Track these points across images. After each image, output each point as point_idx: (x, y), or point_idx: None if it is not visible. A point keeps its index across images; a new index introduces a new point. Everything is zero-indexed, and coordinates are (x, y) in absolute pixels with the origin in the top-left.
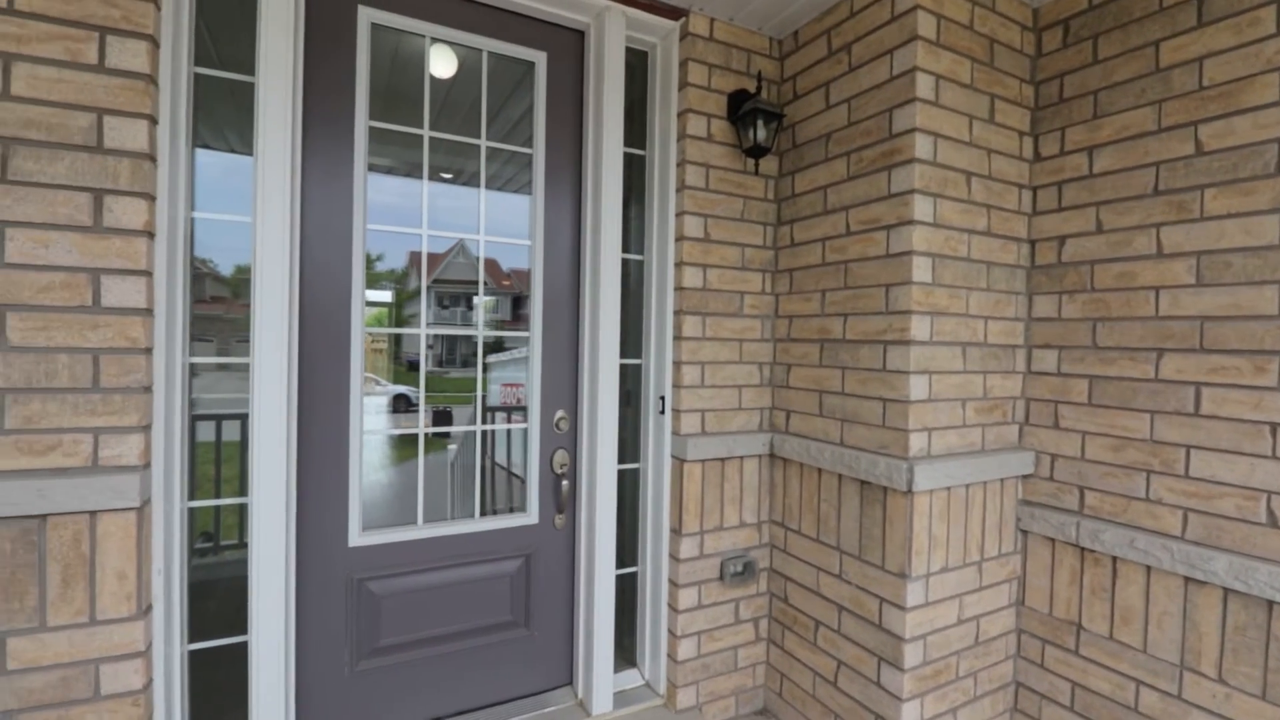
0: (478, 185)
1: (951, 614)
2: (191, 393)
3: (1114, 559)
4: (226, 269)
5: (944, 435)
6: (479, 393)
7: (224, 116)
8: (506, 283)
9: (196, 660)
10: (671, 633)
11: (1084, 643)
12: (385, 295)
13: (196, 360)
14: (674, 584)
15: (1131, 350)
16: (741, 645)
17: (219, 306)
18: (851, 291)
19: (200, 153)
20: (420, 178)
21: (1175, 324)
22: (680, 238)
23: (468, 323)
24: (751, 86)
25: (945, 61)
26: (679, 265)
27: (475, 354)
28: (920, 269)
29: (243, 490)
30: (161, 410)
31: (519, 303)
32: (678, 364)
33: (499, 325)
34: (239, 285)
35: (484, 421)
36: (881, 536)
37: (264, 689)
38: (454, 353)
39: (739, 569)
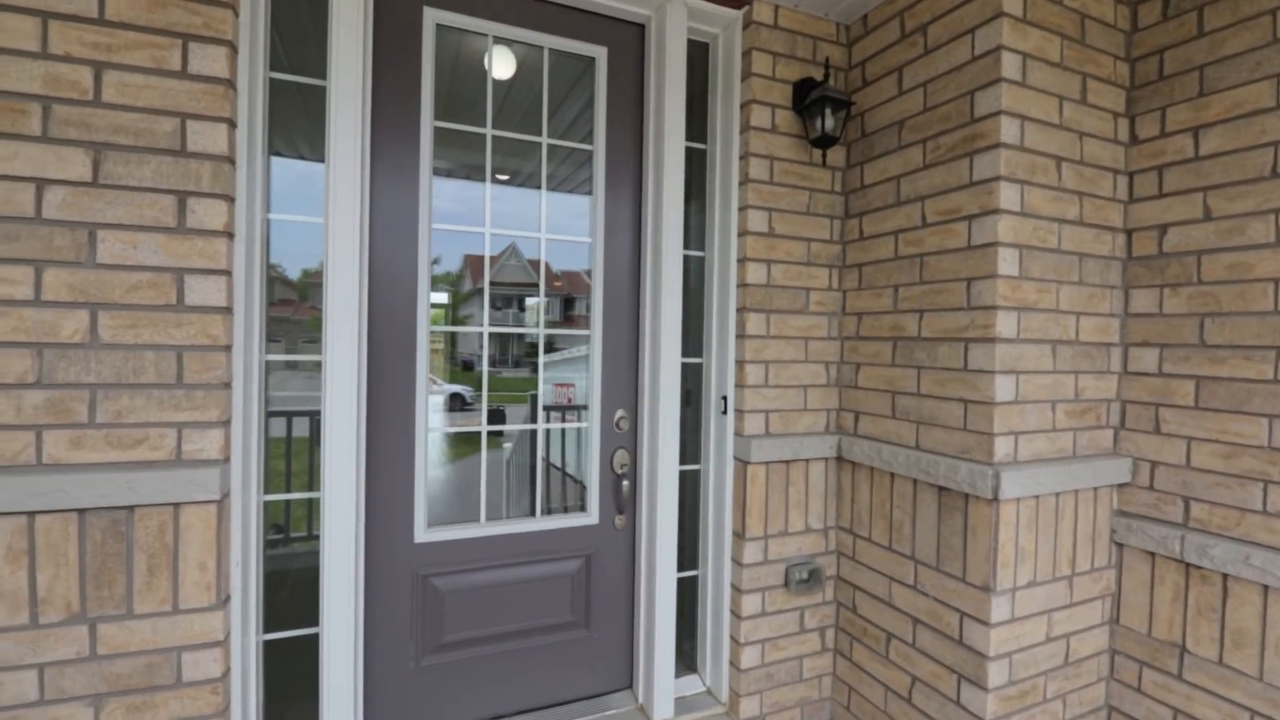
0: (535, 186)
1: (1039, 631)
2: (267, 390)
3: (1224, 576)
4: (294, 273)
5: (1032, 440)
6: (539, 390)
7: (294, 124)
8: (558, 284)
9: (269, 650)
10: (734, 640)
11: (1188, 667)
12: (441, 297)
13: (272, 358)
14: (737, 589)
15: (1246, 349)
16: (807, 655)
17: (287, 309)
18: (928, 286)
19: (273, 160)
20: (481, 180)
21: None
22: (743, 233)
23: (519, 324)
24: (818, 75)
25: (1033, 39)
26: (742, 261)
27: (527, 354)
28: (1006, 261)
29: (312, 485)
30: (240, 406)
31: (569, 304)
32: (741, 363)
33: (555, 325)
34: (306, 289)
35: (540, 420)
36: (962, 547)
37: (334, 681)
38: (505, 353)
39: (804, 576)
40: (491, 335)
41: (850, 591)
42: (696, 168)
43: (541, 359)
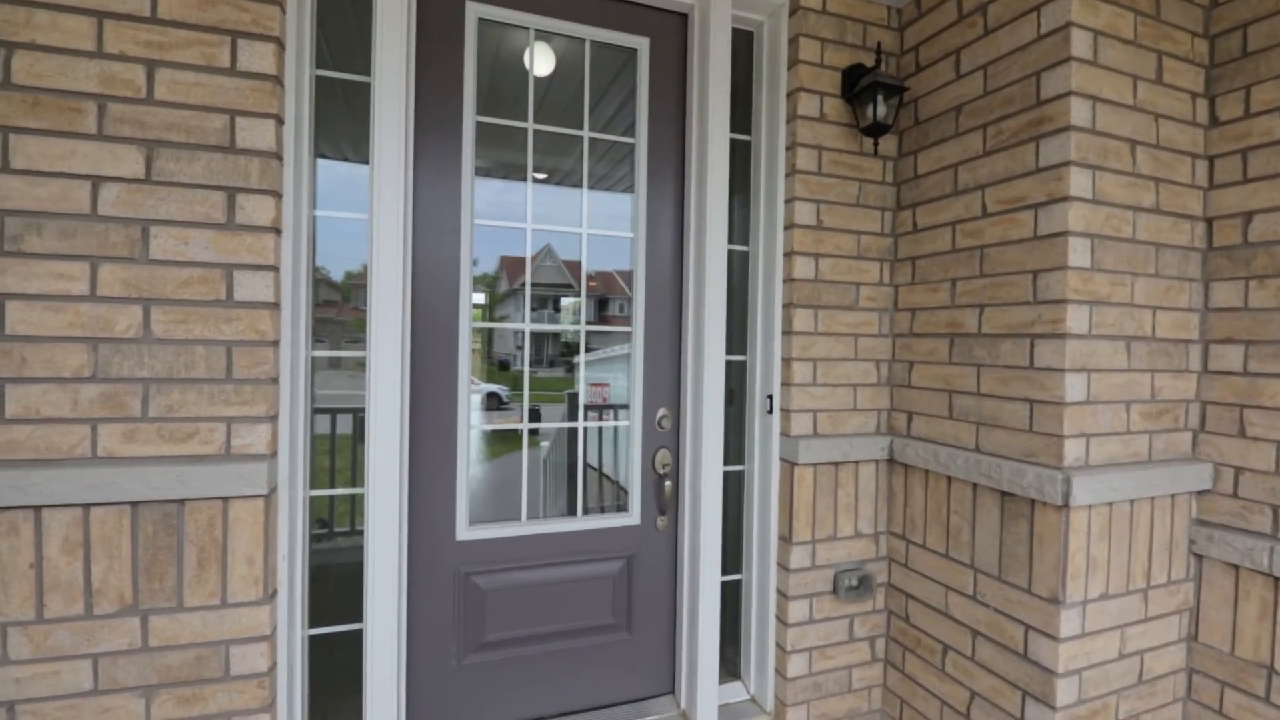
0: (575, 184)
1: (1111, 647)
2: (312, 386)
3: None
4: (337, 275)
5: (1104, 443)
6: (579, 388)
7: (339, 125)
8: (593, 284)
9: (314, 645)
10: (780, 647)
11: (1276, 689)
12: (479, 297)
13: (317, 354)
14: (783, 595)
15: None
16: (856, 665)
17: (330, 310)
18: (989, 280)
19: (317, 162)
20: (520, 179)
21: None
22: (790, 226)
23: (555, 324)
24: (868, 61)
25: (1104, 15)
26: (789, 255)
27: (561, 354)
28: (1077, 252)
29: (355, 481)
30: (287, 401)
31: (604, 304)
32: (787, 360)
33: (594, 324)
34: (348, 290)
35: (577, 419)
36: (1028, 556)
37: (377, 677)
38: (541, 353)
39: (854, 583)
40: (528, 335)
41: (902, 600)
42: (740, 160)
43: (583, 357)
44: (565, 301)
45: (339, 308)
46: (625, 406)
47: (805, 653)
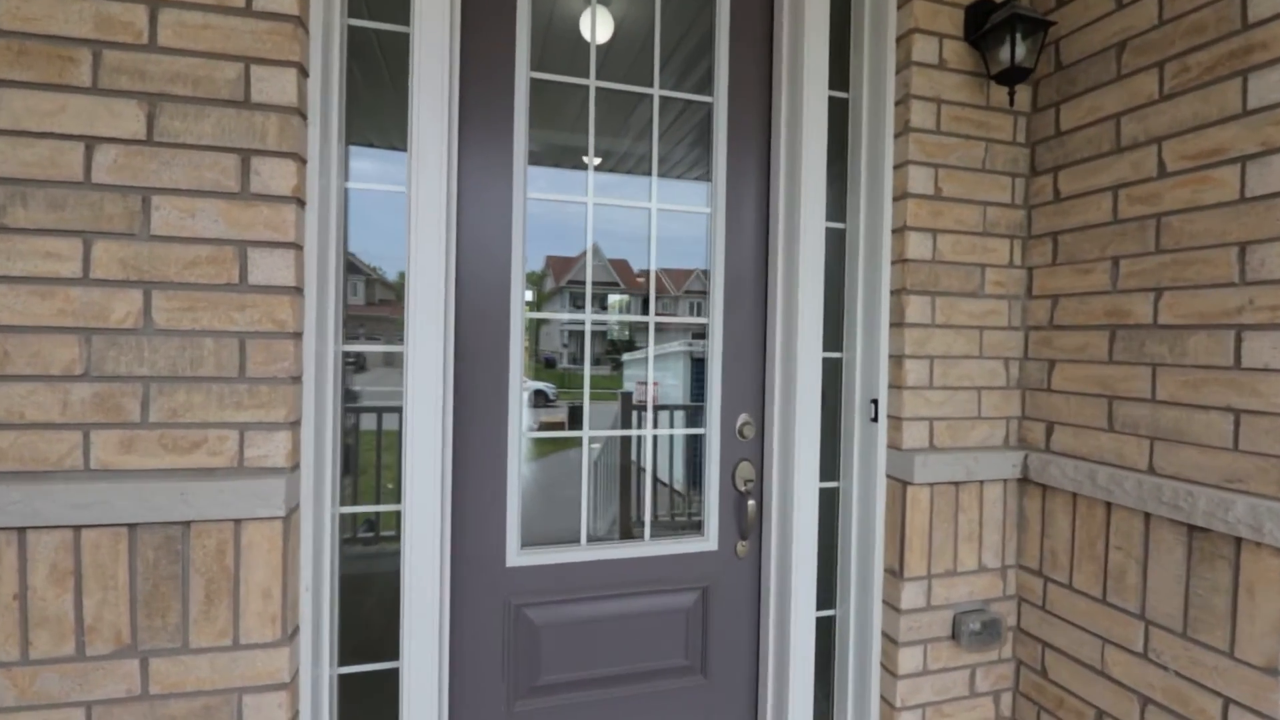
0: (636, 170)
1: None
2: (345, 386)
3: None
4: (391, 275)
5: None
6: (647, 389)
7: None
8: (640, 280)
9: (345, 685)
10: (887, 702)
11: None
12: (526, 292)
13: (350, 349)
14: (891, 640)
15: None
16: None
17: (385, 309)
18: (1169, 257)
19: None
20: (577, 166)
21: None
22: (902, 196)
23: (601, 320)
24: None
25: None
26: (900, 231)
27: (607, 351)
28: None
29: (395, 496)
30: (311, 404)
31: (648, 304)
32: (898, 358)
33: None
34: (401, 290)
35: (637, 424)
36: (1229, 610)
37: None
38: (581, 350)
39: (977, 627)
40: (573, 331)
41: (1037, 649)
42: (835, 122)
43: (651, 349)
44: (612, 299)
45: (394, 306)
46: (689, 407)
47: (917, 710)
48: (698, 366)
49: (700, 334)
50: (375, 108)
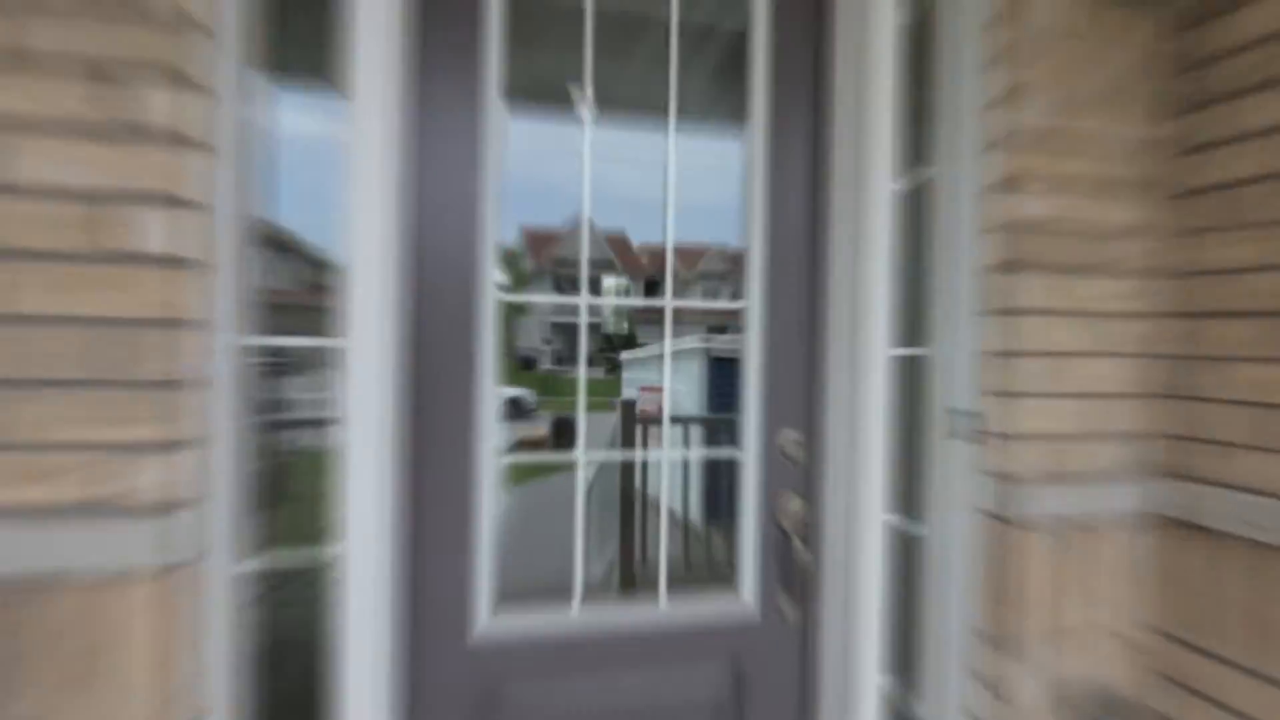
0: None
1: None
2: (271, 392)
3: None
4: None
5: None
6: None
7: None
8: (644, 260)
9: None
10: None
11: None
12: (497, 276)
13: (277, 343)
14: None
15: None
16: None
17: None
18: None
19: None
20: (570, 108)
21: None
22: (999, 142)
23: (594, 310)
24: None
25: None
26: (1004, 185)
27: (600, 350)
28: None
29: (327, 537)
30: (220, 417)
31: (651, 288)
32: (1004, 355)
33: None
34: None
35: (646, 443)
36: None
37: None
38: (573, 347)
39: (1102, 715)
40: (558, 324)
41: None
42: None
43: (669, 344)
44: (607, 283)
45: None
46: (703, 420)
47: None
48: (717, 368)
49: (719, 328)
50: (311, 34)
